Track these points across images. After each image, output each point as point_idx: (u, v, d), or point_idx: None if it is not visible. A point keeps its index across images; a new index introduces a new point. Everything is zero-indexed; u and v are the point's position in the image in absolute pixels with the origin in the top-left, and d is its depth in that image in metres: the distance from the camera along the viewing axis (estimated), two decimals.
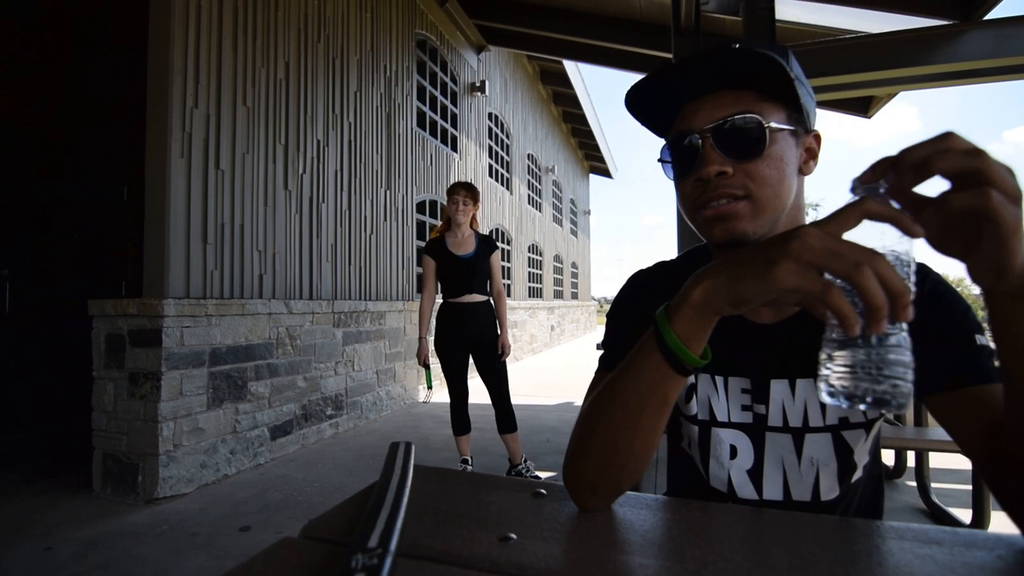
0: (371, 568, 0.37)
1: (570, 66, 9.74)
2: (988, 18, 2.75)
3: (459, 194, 2.73)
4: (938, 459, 2.78)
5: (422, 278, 2.83)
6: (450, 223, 2.80)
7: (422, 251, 2.91)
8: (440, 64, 6.14)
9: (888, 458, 2.86)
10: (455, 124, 6.51)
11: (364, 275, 4.33)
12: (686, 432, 0.71)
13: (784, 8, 3.25)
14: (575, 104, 11.50)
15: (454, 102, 6.52)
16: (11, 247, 3.66)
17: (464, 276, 2.72)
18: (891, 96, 3.84)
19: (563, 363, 8.42)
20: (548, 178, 11.42)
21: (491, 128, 7.91)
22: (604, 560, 0.42)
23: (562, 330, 12.24)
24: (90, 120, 4.00)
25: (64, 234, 3.94)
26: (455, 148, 6.45)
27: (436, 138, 5.94)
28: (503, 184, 8.41)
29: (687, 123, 0.60)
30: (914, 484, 2.48)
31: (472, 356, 2.78)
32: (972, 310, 0.58)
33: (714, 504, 0.55)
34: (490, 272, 2.79)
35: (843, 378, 0.37)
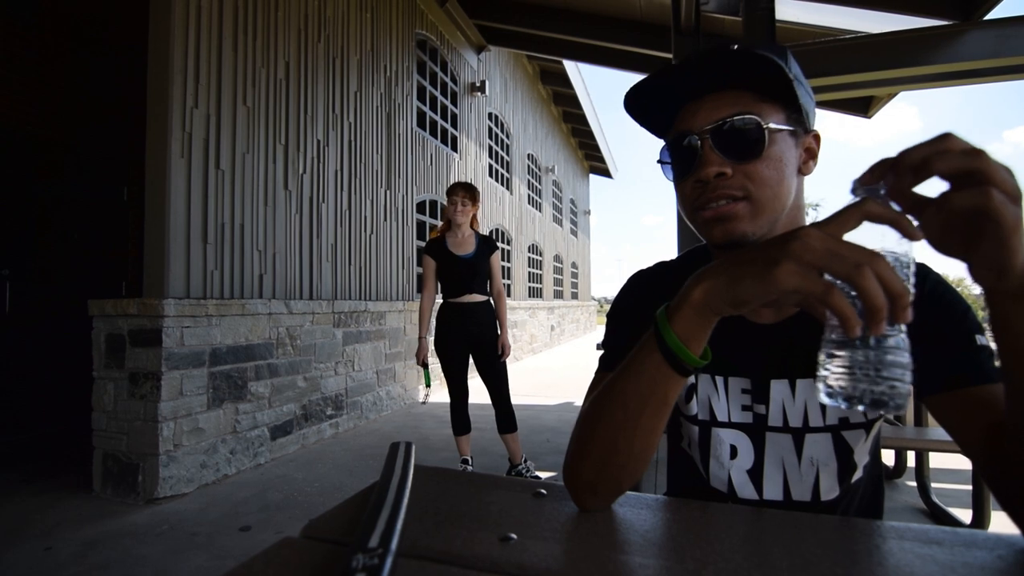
0: (372, 568, 0.37)
1: (570, 66, 9.74)
2: (988, 18, 2.75)
3: (457, 195, 2.73)
4: (938, 459, 2.78)
5: (422, 278, 2.84)
6: (450, 223, 2.80)
7: (422, 251, 2.91)
8: (440, 64, 6.14)
9: (888, 458, 2.86)
10: (455, 124, 6.51)
11: (364, 275, 4.33)
12: (686, 432, 0.71)
13: (784, 8, 3.25)
14: (575, 104, 11.50)
15: (454, 102, 6.52)
16: (11, 247, 3.66)
17: (464, 276, 2.72)
18: (891, 96, 3.84)
19: (563, 363, 8.42)
20: (548, 178, 11.42)
21: (491, 128, 7.91)
22: (604, 560, 0.42)
23: (562, 330, 12.24)
24: (90, 120, 4.00)
25: (64, 234, 3.94)
26: (455, 148, 6.45)
27: (436, 138, 5.94)
28: (503, 184, 8.41)
29: (686, 124, 0.60)
30: (914, 484, 2.48)
31: (472, 356, 2.78)
32: (972, 310, 0.58)
33: (714, 504, 0.55)
34: (490, 272, 2.80)
35: (842, 379, 0.37)
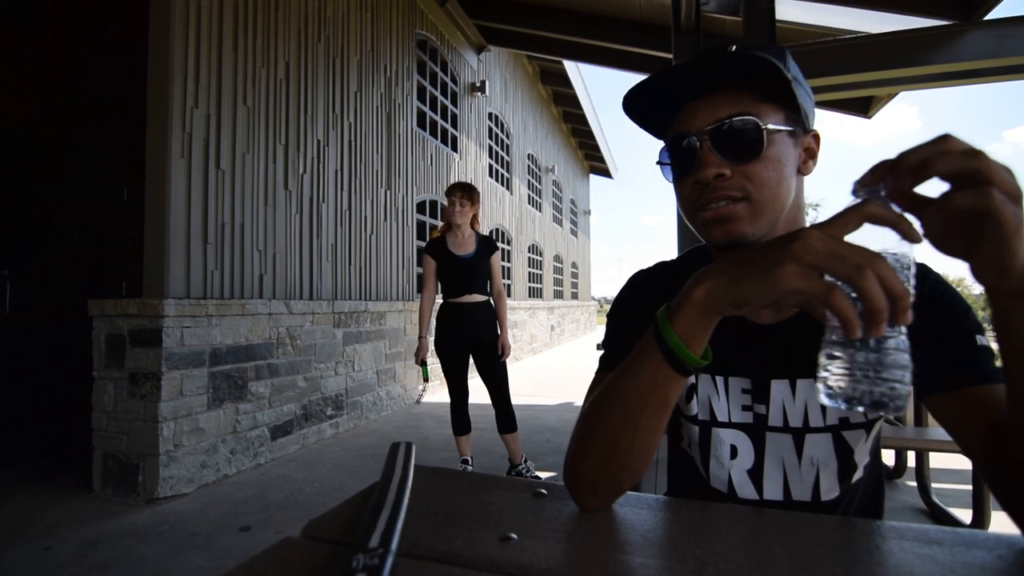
0: (372, 568, 0.37)
1: (570, 66, 9.74)
2: (988, 18, 2.75)
3: (455, 195, 2.73)
4: (938, 459, 2.78)
5: (422, 278, 2.84)
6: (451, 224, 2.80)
7: (422, 251, 2.91)
8: (440, 64, 6.14)
9: (888, 458, 2.86)
10: (455, 124, 6.51)
11: (364, 275, 4.33)
12: (686, 432, 0.71)
13: (784, 8, 3.25)
14: (575, 104, 11.49)
15: (454, 102, 6.52)
16: (11, 247, 3.66)
17: (464, 276, 2.73)
18: (891, 96, 3.84)
19: (563, 363, 8.42)
20: (548, 178, 11.42)
21: (491, 128, 7.91)
22: (605, 560, 0.42)
23: (562, 330, 12.24)
24: (90, 120, 4.00)
25: (64, 234, 3.94)
26: (455, 148, 6.45)
27: (436, 138, 5.94)
28: (503, 184, 8.41)
29: (685, 125, 0.60)
30: (914, 484, 2.48)
31: (472, 356, 2.78)
32: (972, 310, 0.58)
33: (714, 504, 0.55)
34: (490, 272, 2.80)
35: (842, 380, 0.38)
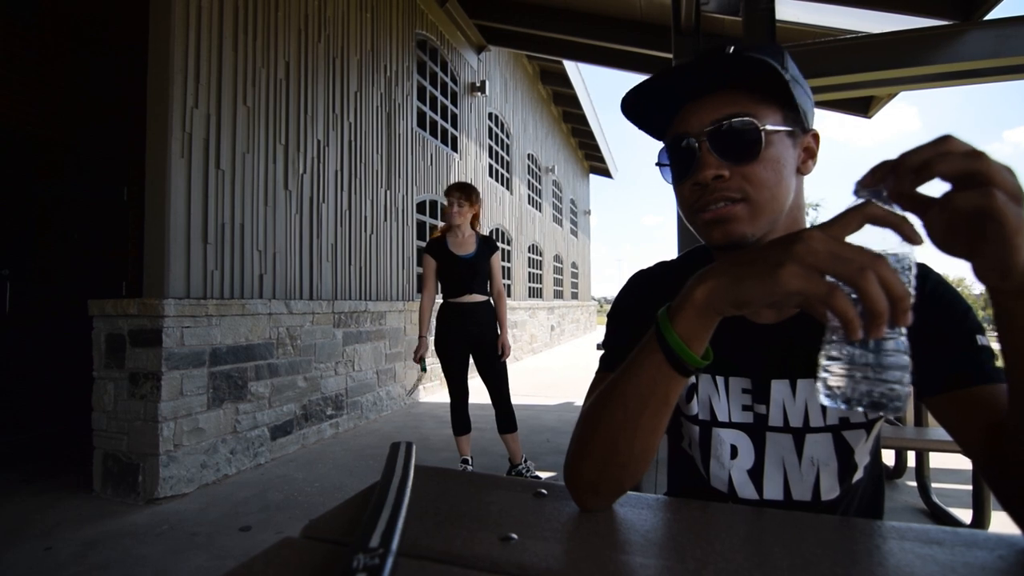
0: (372, 568, 0.37)
1: (570, 66, 9.74)
2: (988, 18, 2.75)
3: (453, 196, 2.74)
4: (938, 459, 2.78)
5: (422, 278, 2.84)
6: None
7: (423, 251, 2.91)
8: (440, 64, 6.13)
9: (888, 458, 2.86)
10: (455, 124, 6.51)
11: (364, 275, 4.33)
12: (687, 432, 0.71)
13: (784, 8, 3.25)
14: (575, 104, 11.49)
15: (454, 102, 6.52)
16: (11, 247, 3.66)
17: (464, 276, 2.73)
18: (891, 96, 3.84)
19: (563, 363, 8.42)
20: (548, 178, 11.41)
21: (491, 128, 7.91)
22: (605, 560, 0.42)
23: (562, 330, 12.24)
24: (90, 120, 4.00)
25: (64, 234, 3.93)
26: (455, 148, 6.45)
27: (436, 138, 5.94)
28: (503, 184, 8.41)
29: (684, 126, 0.61)
30: (914, 484, 2.48)
31: (472, 356, 2.78)
32: (973, 310, 0.58)
33: (715, 504, 0.55)
34: (490, 273, 2.80)
35: (842, 380, 0.38)
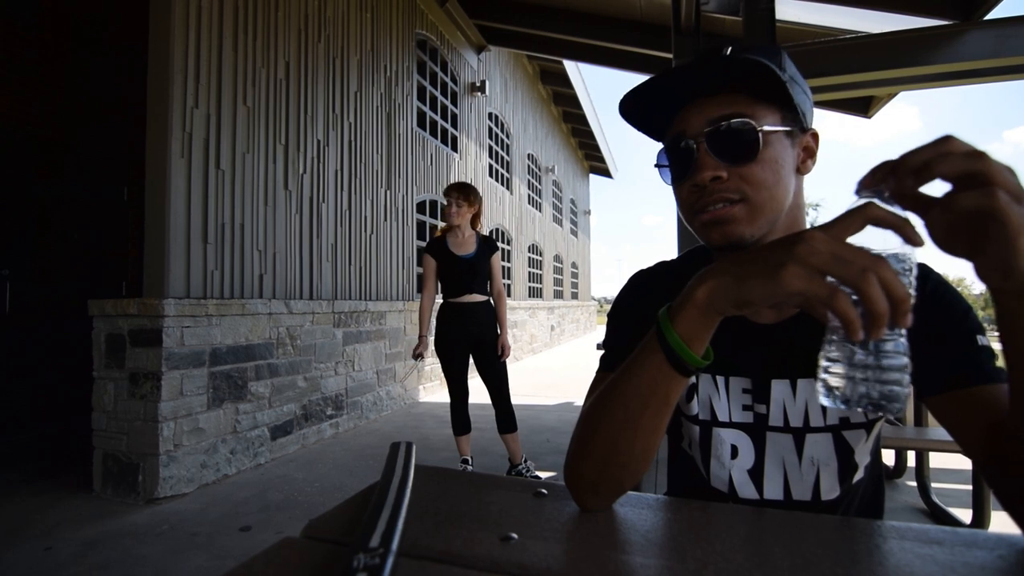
0: (373, 568, 0.37)
1: (570, 66, 9.74)
2: (988, 18, 2.74)
3: (452, 196, 2.74)
4: (938, 459, 2.78)
5: (422, 277, 2.84)
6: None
7: (423, 250, 2.91)
8: (440, 64, 6.13)
9: (888, 458, 2.86)
10: (455, 124, 6.51)
11: (364, 275, 4.33)
12: (687, 432, 0.71)
13: (784, 8, 3.25)
14: (575, 104, 11.49)
15: (454, 102, 6.52)
16: (11, 247, 3.66)
17: (464, 276, 2.73)
18: (891, 96, 3.84)
19: (563, 363, 8.42)
20: (548, 178, 11.41)
21: (491, 128, 7.91)
22: (605, 560, 0.42)
23: (562, 330, 12.24)
24: (90, 120, 4.00)
25: (64, 234, 3.93)
26: (455, 148, 6.45)
27: (436, 138, 5.94)
28: (503, 184, 8.40)
29: (682, 128, 0.61)
30: (914, 484, 2.48)
31: (472, 356, 2.78)
32: (973, 310, 0.58)
33: (715, 504, 0.55)
34: (490, 273, 2.80)
35: (841, 380, 0.38)
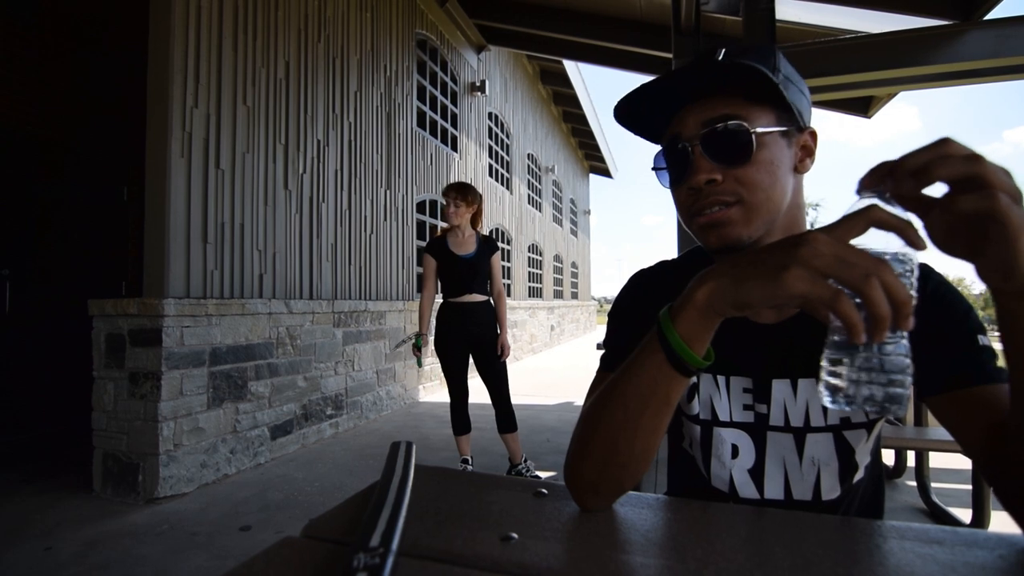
0: (373, 567, 0.37)
1: (570, 66, 9.74)
2: (988, 18, 2.74)
3: (450, 196, 2.75)
4: (938, 459, 2.78)
5: (422, 277, 2.84)
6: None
7: (423, 250, 2.91)
8: (440, 64, 6.13)
9: (888, 458, 2.86)
10: (455, 124, 6.51)
11: (364, 275, 4.33)
12: (688, 432, 0.71)
13: (784, 8, 3.25)
14: (575, 104, 11.49)
15: (454, 102, 6.52)
16: (11, 247, 3.66)
17: (464, 276, 2.73)
18: (891, 96, 3.84)
19: (563, 363, 8.42)
20: (548, 178, 11.41)
21: (491, 128, 7.91)
22: (605, 560, 0.42)
23: (562, 330, 12.24)
24: (90, 120, 4.00)
25: (64, 234, 3.93)
26: (455, 148, 6.45)
27: (436, 138, 5.94)
28: (503, 184, 8.40)
29: (677, 131, 0.61)
30: (914, 484, 2.48)
31: (472, 356, 2.78)
32: (974, 310, 0.58)
33: (715, 504, 0.55)
34: (490, 272, 2.80)
35: (843, 382, 0.38)
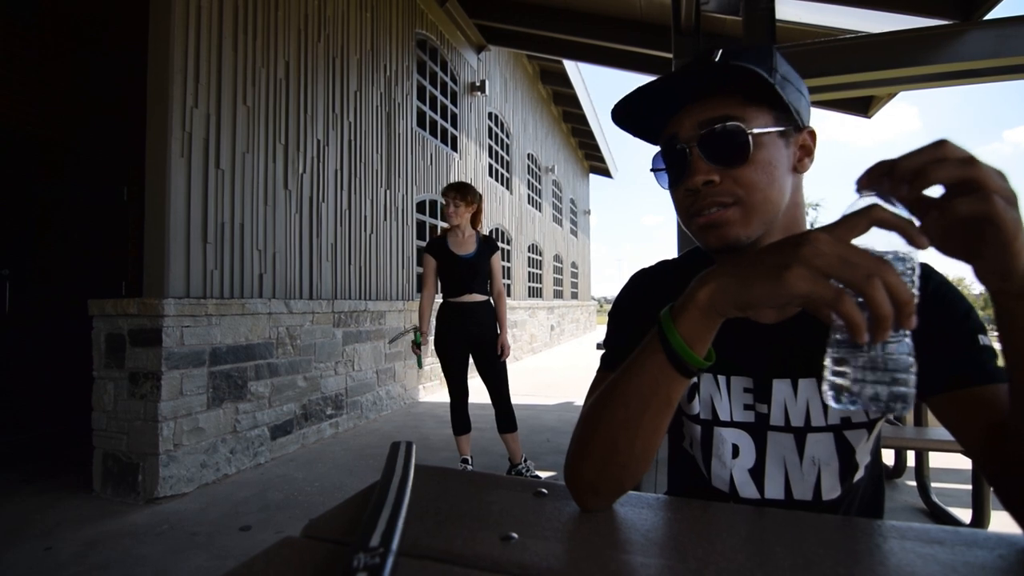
0: (373, 567, 0.37)
1: (570, 66, 9.74)
2: (988, 18, 2.74)
3: (449, 196, 2.75)
4: (938, 459, 2.78)
5: (422, 277, 2.84)
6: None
7: (423, 250, 2.91)
8: (440, 64, 6.13)
9: (888, 458, 2.86)
10: (455, 124, 6.51)
11: (364, 275, 4.33)
12: (688, 432, 0.71)
13: (784, 8, 3.25)
14: (575, 104, 11.49)
15: (454, 102, 6.52)
16: (11, 247, 3.66)
17: (464, 276, 2.73)
18: (891, 96, 3.83)
19: (563, 363, 8.42)
20: (548, 178, 11.41)
21: (491, 128, 7.91)
22: (606, 560, 0.42)
23: (562, 330, 12.24)
24: (90, 120, 3.99)
25: (64, 234, 3.93)
26: (455, 148, 6.45)
27: (436, 138, 5.93)
28: (503, 184, 8.40)
29: (674, 132, 0.61)
30: (914, 484, 2.48)
31: (472, 356, 2.78)
32: (974, 310, 0.58)
33: (716, 503, 0.55)
34: (491, 272, 2.80)
35: (847, 381, 0.38)
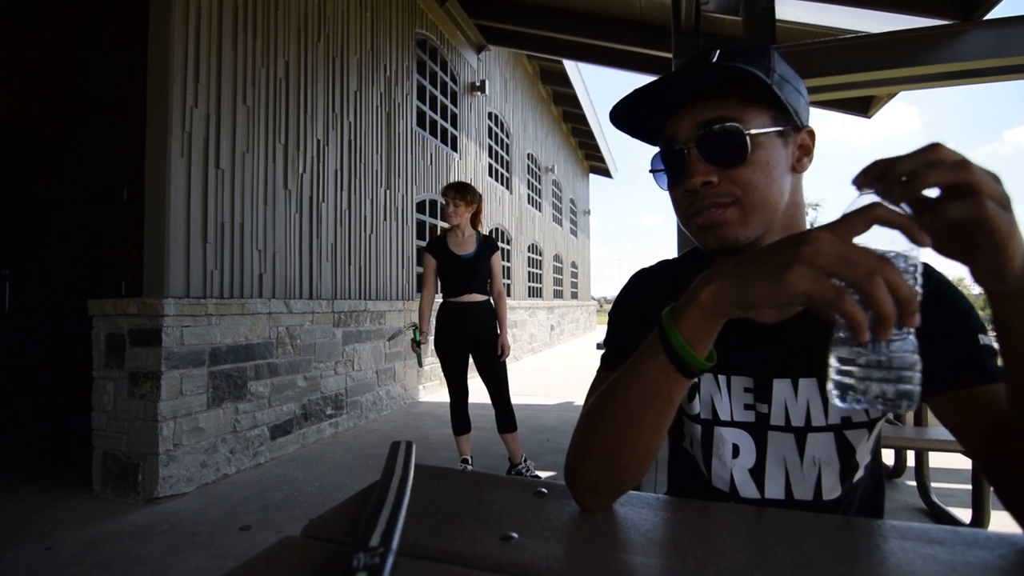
0: (373, 567, 0.37)
1: (570, 66, 9.74)
2: (988, 18, 2.74)
3: (448, 196, 2.75)
4: (938, 459, 2.78)
5: (422, 276, 2.84)
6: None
7: (423, 249, 2.91)
8: (440, 64, 6.13)
9: (888, 458, 2.86)
10: (455, 124, 6.51)
11: (364, 275, 4.33)
12: (688, 431, 0.71)
13: (784, 8, 3.25)
14: (575, 104, 11.49)
15: (454, 102, 6.52)
16: (11, 247, 3.66)
17: (464, 276, 2.73)
18: (891, 96, 3.83)
19: (563, 363, 8.42)
20: (548, 178, 11.41)
21: (491, 128, 7.91)
22: (606, 559, 0.42)
23: (562, 330, 12.24)
24: (90, 120, 3.99)
25: (64, 234, 3.93)
26: (455, 148, 6.45)
27: (436, 138, 5.93)
28: (503, 184, 8.40)
29: (672, 133, 0.61)
30: (914, 484, 2.48)
31: (472, 356, 2.78)
32: (975, 309, 0.58)
33: (716, 503, 0.55)
34: (491, 272, 2.80)
35: (852, 381, 0.38)
